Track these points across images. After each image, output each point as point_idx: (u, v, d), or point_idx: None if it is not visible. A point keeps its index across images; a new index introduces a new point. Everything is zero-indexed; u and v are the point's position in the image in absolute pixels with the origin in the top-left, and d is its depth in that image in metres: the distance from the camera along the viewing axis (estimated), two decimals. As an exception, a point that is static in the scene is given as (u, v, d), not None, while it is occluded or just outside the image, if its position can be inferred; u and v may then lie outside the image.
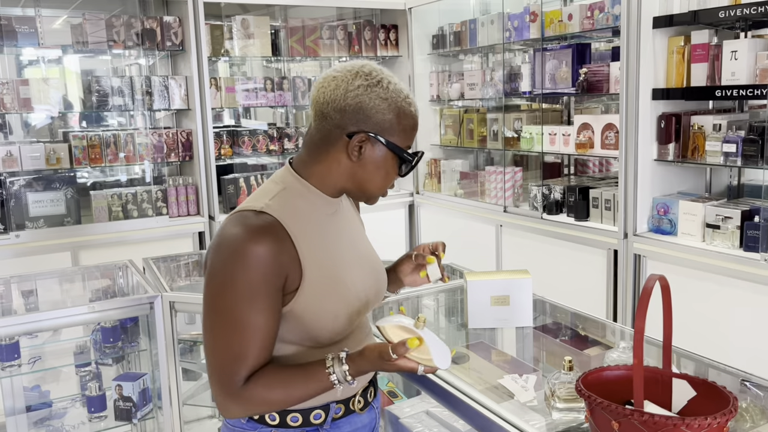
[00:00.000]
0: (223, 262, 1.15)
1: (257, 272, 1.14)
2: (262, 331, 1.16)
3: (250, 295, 1.14)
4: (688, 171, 3.25)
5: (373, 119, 1.20)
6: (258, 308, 1.15)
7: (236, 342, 1.15)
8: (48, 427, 2.66)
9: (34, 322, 2.25)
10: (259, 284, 1.14)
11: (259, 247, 1.14)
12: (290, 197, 1.25)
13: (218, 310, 1.16)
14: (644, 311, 1.07)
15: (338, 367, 1.17)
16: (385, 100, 1.21)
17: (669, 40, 3.04)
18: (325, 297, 1.23)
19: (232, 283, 1.14)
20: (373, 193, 1.28)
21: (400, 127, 1.23)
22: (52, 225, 3.74)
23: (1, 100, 3.59)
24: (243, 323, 1.15)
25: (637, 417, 1.05)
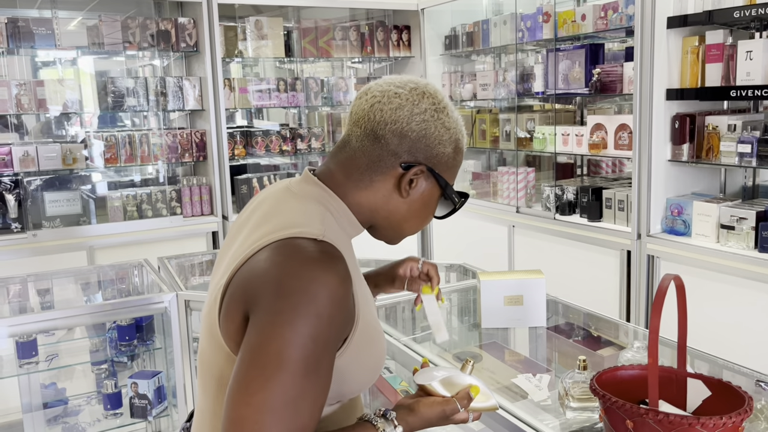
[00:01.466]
0: (292, 300, 0.86)
1: (334, 321, 0.89)
2: (323, 397, 0.89)
3: (324, 351, 0.88)
4: (702, 171, 3.24)
5: (434, 151, 1.03)
6: (326, 369, 0.89)
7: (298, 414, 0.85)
8: (64, 424, 2.69)
9: (51, 320, 2.27)
10: (333, 337, 0.89)
11: (335, 287, 0.88)
12: (332, 221, 1.02)
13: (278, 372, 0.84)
14: (659, 311, 1.08)
15: (390, 428, 0.97)
16: (448, 130, 1.04)
17: (683, 40, 3.03)
18: (368, 347, 1.01)
19: (307, 337, 0.86)
20: (407, 233, 1.11)
21: (454, 162, 1.08)
22: (68, 224, 3.78)
23: (19, 100, 3.63)
24: (310, 390, 0.86)
25: (652, 416, 1.05)
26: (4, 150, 3.64)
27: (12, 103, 3.62)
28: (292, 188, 1.06)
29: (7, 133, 3.77)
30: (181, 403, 2.42)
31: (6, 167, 3.64)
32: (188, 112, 4.25)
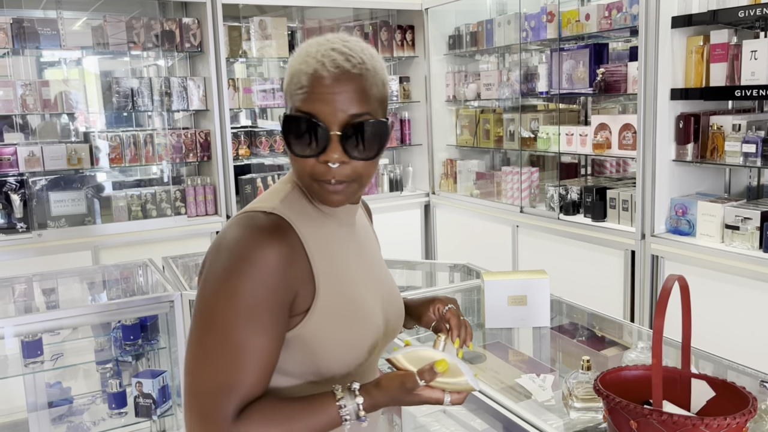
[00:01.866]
0: (223, 269, 0.95)
1: (264, 282, 0.94)
2: (263, 355, 0.95)
3: (253, 309, 0.94)
4: (706, 171, 3.23)
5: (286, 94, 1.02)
6: (260, 327, 0.95)
7: (229, 368, 0.94)
8: (69, 423, 2.70)
9: (56, 319, 2.28)
10: (265, 297, 0.94)
11: (267, 252, 0.95)
12: (300, 198, 1.06)
13: (210, 326, 0.94)
14: (663, 311, 1.07)
15: (350, 399, 0.97)
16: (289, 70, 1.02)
17: (688, 39, 3.02)
18: (340, 321, 1.03)
19: (232, 295, 0.93)
20: (303, 183, 1.04)
21: (290, 90, 1.00)
22: (73, 224, 3.79)
23: (24, 101, 3.65)
24: (240, 345, 0.94)
25: (656, 417, 1.05)
26: (10, 150, 3.66)
27: (17, 103, 3.63)
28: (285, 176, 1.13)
29: (13, 133, 3.78)
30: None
31: (11, 167, 3.65)
32: (192, 112, 4.26)
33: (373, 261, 1.17)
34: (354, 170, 1.00)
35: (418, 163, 4.87)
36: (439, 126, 4.76)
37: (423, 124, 4.78)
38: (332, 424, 0.98)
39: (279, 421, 0.96)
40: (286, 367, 1.03)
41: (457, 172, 4.61)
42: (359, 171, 1.01)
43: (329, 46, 0.99)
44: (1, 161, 3.62)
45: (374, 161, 1.02)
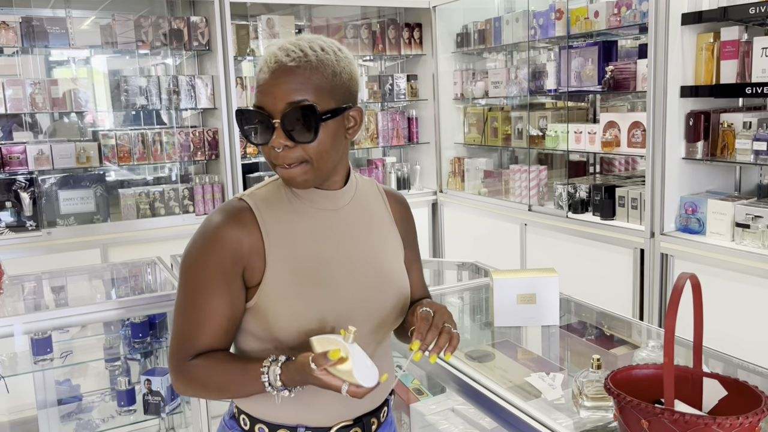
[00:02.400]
0: (192, 243, 1.16)
1: (213, 256, 1.13)
2: (213, 316, 1.14)
3: (204, 277, 1.13)
4: (717, 169, 3.21)
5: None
6: (210, 292, 1.13)
7: (188, 322, 1.15)
8: (78, 421, 2.71)
9: (65, 317, 2.29)
10: (214, 268, 1.13)
11: (219, 231, 1.13)
12: (277, 189, 1.22)
13: (180, 288, 1.17)
14: (675, 310, 1.07)
15: (273, 367, 1.09)
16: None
17: (698, 36, 3.00)
18: (287, 293, 1.15)
19: (193, 264, 1.14)
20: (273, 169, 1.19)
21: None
22: (82, 222, 3.81)
23: (33, 99, 3.66)
24: (195, 305, 1.14)
25: (668, 416, 1.04)
26: (19, 149, 3.67)
27: (27, 101, 3.65)
28: None
29: (22, 132, 3.80)
30: (194, 400, 2.43)
31: (21, 166, 3.67)
32: (200, 111, 4.27)
33: (361, 245, 1.24)
34: (302, 153, 1.13)
35: (426, 162, 4.86)
36: (447, 124, 4.75)
37: (430, 122, 4.78)
38: (257, 387, 1.11)
39: (219, 370, 1.14)
40: (252, 330, 1.19)
41: (464, 170, 4.60)
42: (308, 153, 1.13)
43: (278, 46, 1.13)
44: (11, 160, 3.64)
45: (320, 143, 1.12)
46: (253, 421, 1.23)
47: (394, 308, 1.26)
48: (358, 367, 1.04)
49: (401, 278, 1.29)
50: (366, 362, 1.06)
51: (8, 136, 3.79)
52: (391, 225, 1.33)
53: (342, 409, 1.23)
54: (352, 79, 1.18)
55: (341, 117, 1.16)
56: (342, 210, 1.24)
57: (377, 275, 1.24)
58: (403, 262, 1.33)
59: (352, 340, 1.05)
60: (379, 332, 1.26)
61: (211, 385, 1.15)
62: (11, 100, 3.61)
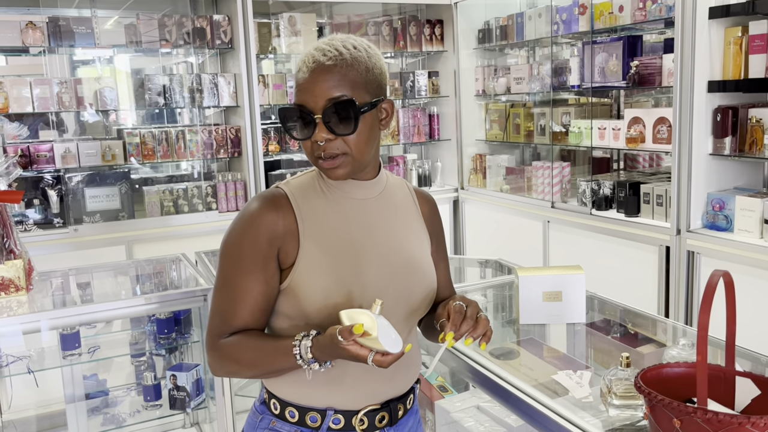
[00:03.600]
0: (231, 227, 1.22)
1: (250, 237, 1.19)
2: (248, 294, 1.19)
3: (241, 258, 1.19)
4: (745, 165, 3.16)
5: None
6: (245, 271, 1.19)
7: (224, 301, 1.21)
8: (105, 415, 2.75)
9: (93, 313, 2.32)
10: (251, 249, 1.19)
11: (256, 214, 1.19)
12: (316, 177, 1.28)
13: (219, 270, 1.23)
14: (708, 307, 1.05)
15: (304, 341, 1.13)
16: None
17: (725, 30, 2.95)
18: (319, 273, 1.20)
19: (231, 246, 1.21)
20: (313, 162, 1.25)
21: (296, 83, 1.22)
22: (107, 219, 3.86)
23: (60, 98, 3.71)
24: (231, 284, 1.20)
25: (701, 415, 1.03)
26: (46, 147, 3.73)
27: (53, 100, 3.70)
28: None
29: (49, 131, 3.86)
30: (219, 395, 2.45)
31: (48, 164, 3.72)
32: (223, 109, 4.30)
33: (391, 234, 1.29)
34: (343, 145, 1.19)
35: (447, 158, 4.85)
36: (468, 121, 4.73)
37: (452, 119, 4.76)
38: (289, 362, 1.15)
39: (251, 347, 1.19)
40: (284, 310, 1.23)
41: (486, 167, 4.58)
42: (349, 145, 1.19)
43: (314, 47, 1.21)
44: (39, 158, 3.70)
45: (359, 135, 1.19)
46: (283, 405, 1.26)
47: (423, 298, 1.30)
48: (383, 336, 1.07)
49: (429, 269, 1.33)
50: (391, 334, 1.10)
51: (35, 134, 3.85)
52: (419, 220, 1.37)
53: (370, 393, 1.26)
54: (382, 74, 1.25)
55: (375, 109, 1.22)
56: (372, 200, 1.29)
57: (406, 263, 1.28)
58: (431, 257, 1.36)
59: (378, 312, 1.08)
60: (409, 320, 1.30)
61: (244, 361, 1.20)
62: (38, 99, 3.66)
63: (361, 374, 1.23)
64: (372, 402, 1.26)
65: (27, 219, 3.70)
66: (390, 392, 1.28)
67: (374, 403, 1.26)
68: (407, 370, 1.31)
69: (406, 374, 1.31)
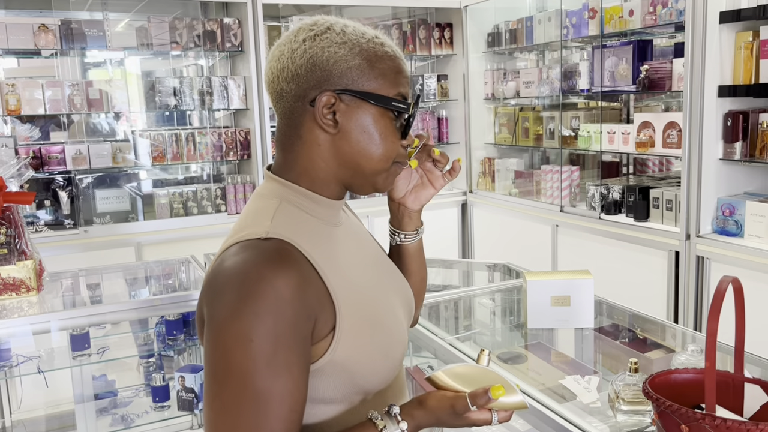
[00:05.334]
0: (230, 311, 0.82)
1: (278, 319, 0.82)
2: (290, 398, 0.84)
3: (270, 351, 0.82)
4: (755, 171, 3.14)
5: (335, 72, 0.91)
6: (282, 368, 0.83)
7: (255, 419, 0.82)
8: (113, 415, 2.76)
9: (102, 314, 2.33)
10: (282, 335, 0.83)
11: (276, 283, 0.83)
12: (293, 212, 0.95)
13: (227, 377, 0.82)
14: (717, 314, 1.05)
15: (393, 426, 0.90)
16: (343, 44, 0.93)
17: (736, 35, 2.94)
18: (369, 336, 0.94)
19: (245, 339, 0.81)
20: (375, 169, 0.95)
21: (376, 72, 0.93)
22: (117, 221, 3.88)
23: (72, 100, 3.74)
24: (262, 392, 0.82)
25: (709, 421, 1.02)
26: (58, 149, 3.76)
27: (65, 103, 3.73)
28: (257, 190, 1.01)
29: (60, 132, 3.89)
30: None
31: (59, 165, 3.75)
32: (233, 111, 4.32)
33: (376, 256, 1.09)
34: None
35: (456, 162, 4.84)
36: (477, 124, 4.73)
37: (461, 122, 4.76)
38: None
39: None
40: (326, 395, 0.93)
41: (495, 170, 4.57)
42: None
43: (376, 33, 0.98)
44: (50, 159, 3.73)
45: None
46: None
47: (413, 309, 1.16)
48: (510, 389, 0.92)
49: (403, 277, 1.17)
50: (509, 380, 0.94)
51: (46, 136, 3.88)
52: (360, 222, 1.18)
53: None
54: None
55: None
56: (343, 223, 1.05)
57: (400, 285, 1.11)
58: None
59: (487, 363, 0.94)
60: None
61: None
62: (50, 101, 3.69)
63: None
64: None
65: (38, 220, 3.73)
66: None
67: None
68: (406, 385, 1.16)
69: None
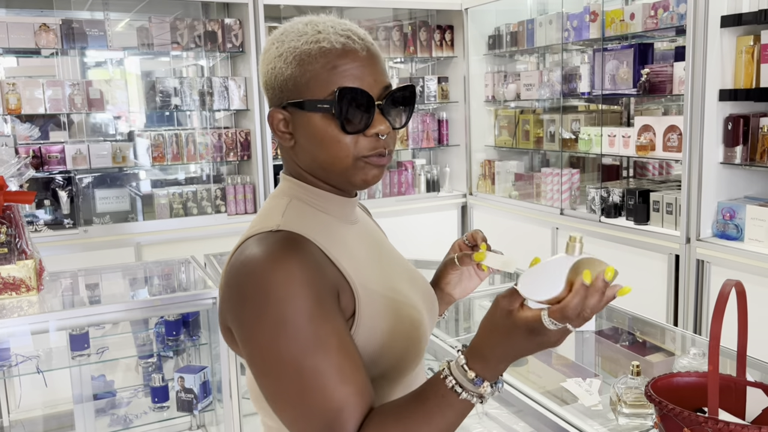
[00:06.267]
0: (255, 306, 0.84)
1: (304, 297, 0.84)
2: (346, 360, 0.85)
3: (309, 329, 0.83)
4: (756, 174, 3.14)
5: (277, 87, 0.95)
6: (326, 339, 0.84)
7: (323, 398, 0.82)
8: (112, 416, 2.75)
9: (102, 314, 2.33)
10: (314, 310, 0.84)
11: (292, 267, 0.84)
12: (303, 209, 0.99)
13: (279, 371, 0.83)
14: (720, 317, 1.05)
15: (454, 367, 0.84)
16: (279, 57, 0.94)
17: (737, 39, 2.94)
18: (389, 318, 0.96)
19: (281, 328, 0.83)
20: (340, 169, 0.95)
21: (307, 76, 0.92)
22: (117, 221, 3.88)
23: (72, 100, 3.74)
24: (320, 369, 0.83)
25: (712, 425, 1.02)
26: (58, 148, 3.75)
27: (65, 102, 3.73)
28: (272, 192, 1.06)
29: (60, 132, 3.88)
30: (226, 398, 2.46)
31: (59, 165, 3.75)
32: (233, 112, 4.31)
33: (390, 251, 1.12)
34: (394, 141, 0.99)
35: (456, 164, 4.85)
36: (478, 126, 4.73)
37: (461, 124, 4.76)
38: (451, 405, 0.84)
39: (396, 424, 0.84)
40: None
41: (495, 173, 4.57)
42: (395, 141, 0.99)
43: (340, 24, 0.96)
44: (50, 159, 3.72)
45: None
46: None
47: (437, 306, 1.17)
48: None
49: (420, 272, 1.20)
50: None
51: (46, 136, 3.88)
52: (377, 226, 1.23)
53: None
54: None
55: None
56: (359, 222, 1.08)
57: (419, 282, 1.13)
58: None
59: (579, 251, 0.81)
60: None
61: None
62: (51, 101, 3.69)
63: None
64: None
65: (37, 219, 3.73)
66: None
67: None
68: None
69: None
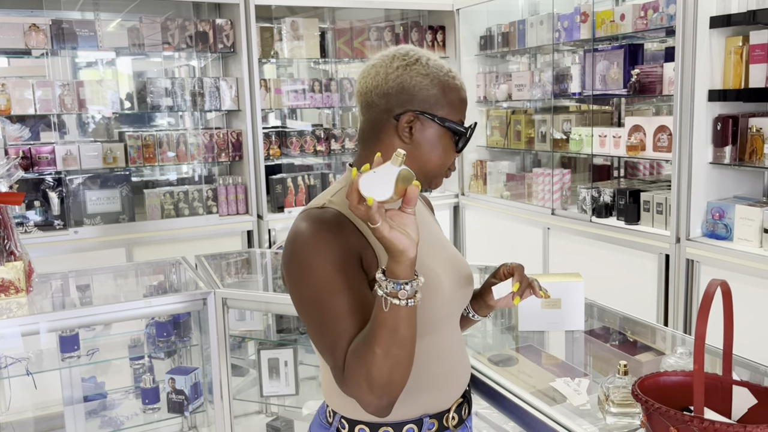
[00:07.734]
0: (297, 258, 1.11)
1: (331, 254, 1.09)
2: (354, 301, 1.08)
3: (330, 272, 1.08)
4: (745, 175, 3.16)
5: (418, 97, 1.19)
6: (343, 285, 1.08)
7: (335, 324, 1.08)
8: (102, 417, 2.74)
9: (92, 315, 2.32)
10: (335, 263, 1.08)
11: (326, 233, 1.10)
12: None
13: (308, 305, 1.11)
14: (706, 317, 1.05)
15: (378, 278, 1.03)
16: (426, 76, 1.20)
17: (726, 40, 2.96)
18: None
19: (311, 271, 1.09)
20: (434, 172, 1.24)
21: (447, 100, 1.21)
22: (108, 222, 3.86)
23: (62, 100, 3.72)
24: (333, 305, 1.08)
25: (697, 424, 1.03)
26: (48, 149, 3.74)
27: (56, 103, 3.71)
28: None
29: (50, 132, 3.87)
30: (217, 399, 2.45)
31: (49, 165, 3.73)
32: (225, 113, 4.31)
33: (436, 236, 1.33)
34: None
35: (448, 164, 4.85)
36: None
37: (453, 125, 4.76)
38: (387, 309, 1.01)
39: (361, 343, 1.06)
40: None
41: (487, 173, 4.58)
42: None
43: (450, 67, 1.25)
44: (40, 160, 3.71)
45: None
46: (374, 427, 1.21)
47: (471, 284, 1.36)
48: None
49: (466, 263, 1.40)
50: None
51: (36, 136, 3.86)
52: (433, 217, 1.45)
53: (459, 385, 1.30)
54: None
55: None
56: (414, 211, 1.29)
57: (458, 265, 1.32)
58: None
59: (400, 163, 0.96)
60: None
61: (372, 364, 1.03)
62: (41, 101, 3.67)
63: (449, 371, 1.26)
64: (457, 395, 1.30)
65: (27, 221, 3.71)
66: (466, 380, 1.33)
67: (459, 396, 1.30)
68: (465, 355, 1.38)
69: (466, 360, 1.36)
